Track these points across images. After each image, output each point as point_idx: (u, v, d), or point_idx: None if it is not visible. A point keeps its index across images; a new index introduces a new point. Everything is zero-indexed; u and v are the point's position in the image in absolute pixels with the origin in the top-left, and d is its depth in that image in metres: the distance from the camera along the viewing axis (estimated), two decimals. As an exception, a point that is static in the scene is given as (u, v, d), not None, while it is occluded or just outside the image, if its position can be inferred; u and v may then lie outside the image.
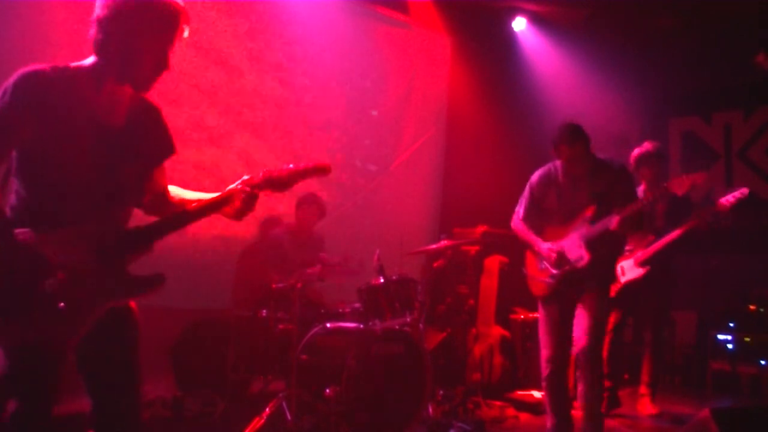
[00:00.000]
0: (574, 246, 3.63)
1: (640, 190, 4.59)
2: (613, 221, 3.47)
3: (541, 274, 3.76)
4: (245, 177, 2.20)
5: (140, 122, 2.13)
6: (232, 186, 2.18)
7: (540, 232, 3.83)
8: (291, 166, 2.21)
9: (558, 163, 3.80)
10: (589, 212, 3.63)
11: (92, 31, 1.97)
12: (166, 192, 2.29)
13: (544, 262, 3.73)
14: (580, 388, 3.64)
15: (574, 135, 3.62)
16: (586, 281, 3.66)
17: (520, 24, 6.97)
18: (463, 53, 7.12)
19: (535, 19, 6.92)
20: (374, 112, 6.51)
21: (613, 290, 4.35)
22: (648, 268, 4.51)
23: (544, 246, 3.72)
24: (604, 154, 3.78)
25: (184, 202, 2.25)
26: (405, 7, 6.59)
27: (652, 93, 7.28)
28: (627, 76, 6.99)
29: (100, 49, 1.98)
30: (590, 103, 6.97)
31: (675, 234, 4.45)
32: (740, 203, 4.25)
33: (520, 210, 3.91)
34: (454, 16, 6.80)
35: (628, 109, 7.23)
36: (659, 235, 4.53)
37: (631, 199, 3.65)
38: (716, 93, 6.95)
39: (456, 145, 7.11)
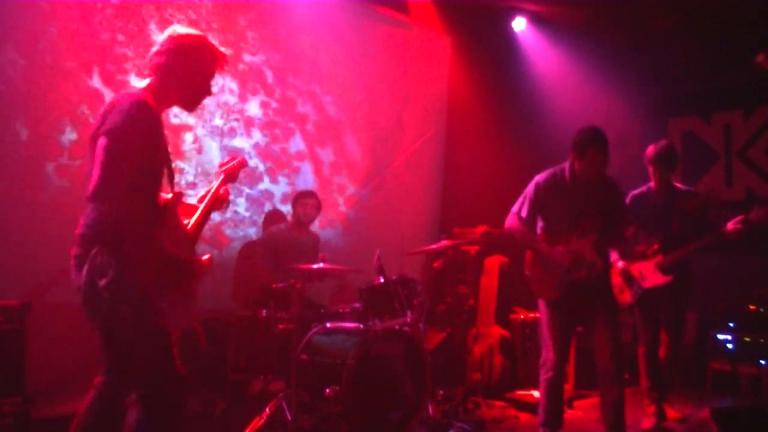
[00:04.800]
0: (587, 252, 3.60)
1: (651, 186, 4.54)
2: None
3: (548, 278, 3.67)
4: (218, 180, 2.77)
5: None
6: (215, 186, 2.74)
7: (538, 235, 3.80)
8: (227, 160, 2.87)
9: (565, 166, 3.71)
10: (598, 220, 3.61)
11: (157, 59, 2.45)
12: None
13: (552, 266, 3.64)
14: (606, 401, 3.64)
15: (604, 141, 3.58)
16: (594, 290, 3.65)
17: (520, 24, 6.96)
18: (463, 53, 7.12)
19: (535, 19, 6.91)
20: (375, 113, 6.50)
21: (634, 296, 4.35)
22: (672, 275, 4.29)
23: (557, 250, 3.62)
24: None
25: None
26: (405, 7, 6.58)
27: (652, 93, 7.28)
28: (627, 76, 6.99)
29: (163, 75, 2.45)
30: (590, 103, 6.98)
31: (696, 245, 4.27)
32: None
33: (522, 210, 3.74)
34: (454, 16, 6.79)
35: (628, 109, 7.23)
36: (677, 240, 4.34)
37: (625, 214, 3.76)
38: (716, 93, 6.95)
39: (456, 145, 7.11)
